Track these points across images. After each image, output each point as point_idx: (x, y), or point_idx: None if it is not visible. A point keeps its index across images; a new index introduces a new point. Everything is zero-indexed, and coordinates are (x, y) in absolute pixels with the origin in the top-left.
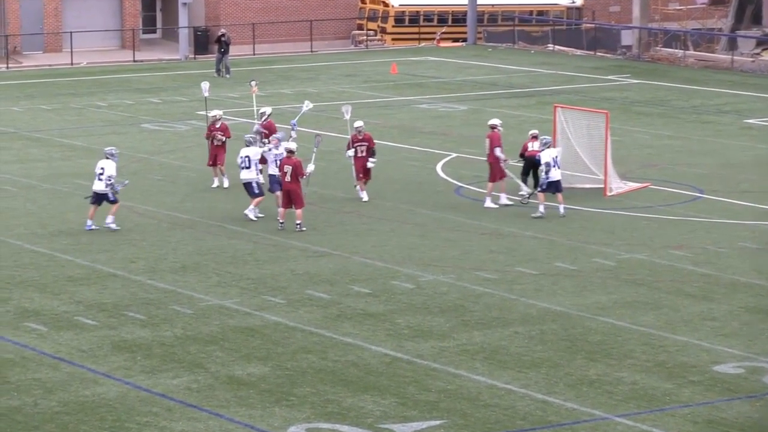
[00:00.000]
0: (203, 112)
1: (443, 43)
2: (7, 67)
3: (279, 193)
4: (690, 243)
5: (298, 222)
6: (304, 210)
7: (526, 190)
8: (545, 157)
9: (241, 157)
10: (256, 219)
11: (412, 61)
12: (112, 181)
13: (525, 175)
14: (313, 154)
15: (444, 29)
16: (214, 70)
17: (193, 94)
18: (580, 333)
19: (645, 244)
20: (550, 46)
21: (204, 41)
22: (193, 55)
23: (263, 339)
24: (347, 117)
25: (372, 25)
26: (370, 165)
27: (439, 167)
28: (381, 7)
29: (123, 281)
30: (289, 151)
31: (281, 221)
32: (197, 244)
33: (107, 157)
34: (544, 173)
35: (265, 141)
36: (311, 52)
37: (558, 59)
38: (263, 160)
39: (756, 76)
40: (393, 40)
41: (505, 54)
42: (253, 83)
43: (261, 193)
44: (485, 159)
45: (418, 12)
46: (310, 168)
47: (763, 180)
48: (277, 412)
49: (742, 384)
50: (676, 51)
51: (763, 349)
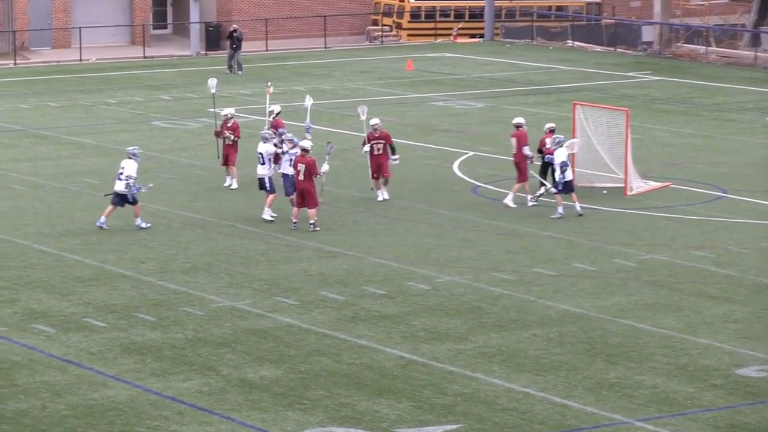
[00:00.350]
0: (213, 109)
1: (460, 39)
2: (15, 63)
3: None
4: (712, 243)
5: (312, 222)
6: (317, 209)
7: (546, 187)
8: (561, 156)
9: (258, 152)
10: (272, 219)
11: (428, 58)
12: (131, 181)
13: (544, 174)
14: (327, 157)
15: (461, 25)
16: (226, 67)
17: (205, 91)
18: (600, 335)
19: (666, 244)
20: (569, 42)
21: (216, 37)
22: (204, 51)
23: (276, 341)
24: (363, 117)
25: (387, 20)
26: (394, 163)
27: (455, 166)
28: (396, 2)
29: (133, 282)
30: (304, 150)
31: (294, 221)
32: (209, 244)
33: (129, 157)
34: (560, 172)
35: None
36: (325, 48)
37: (577, 56)
38: (277, 159)
39: None
40: (408, 35)
41: (523, 50)
42: (269, 83)
43: (272, 190)
44: (511, 159)
45: (434, 7)
46: (325, 167)
47: None
48: (290, 415)
49: (765, 387)
50: (698, 47)
51: None
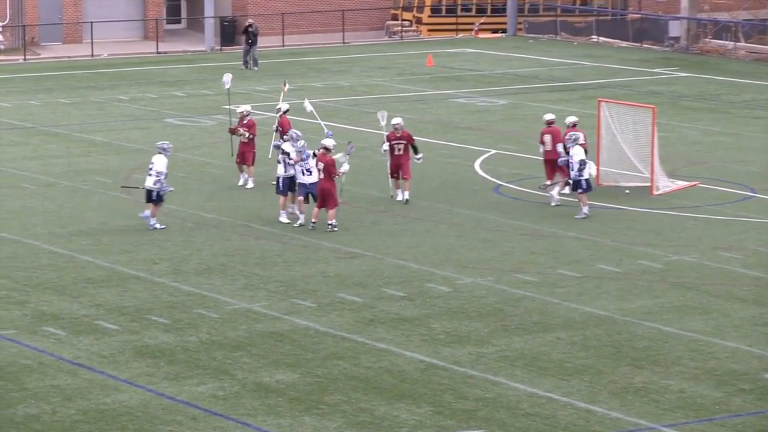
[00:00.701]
0: (228, 106)
1: (482, 34)
2: (25, 59)
3: (300, 198)
4: (741, 244)
5: (330, 222)
6: (337, 210)
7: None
8: (579, 154)
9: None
10: (299, 215)
11: (449, 53)
12: (162, 178)
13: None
14: (347, 157)
15: (483, 20)
16: (242, 63)
17: (219, 88)
18: (625, 339)
19: (693, 245)
20: (594, 37)
21: (231, 32)
22: (219, 47)
23: (292, 344)
24: (383, 123)
25: (407, 15)
26: (417, 162)
27: (477, 164)
28: None
29: (145, 283)
30: (326, 149)
31: (313, 221)
32: (223, 245)
33: (159, 152)
34: (576, 171)
35: (285, 138)
36: (343, 43)
37: (602, 51)
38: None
39: None
40: (429, 30)
41: (547, 46)
42: (285, 82)
43: (284, 192)
44: (539, 158)
45: (455, 1)
46: (345, 167)
47: None
48: (307, 421)
49: None
50: (727, 43)
51: None
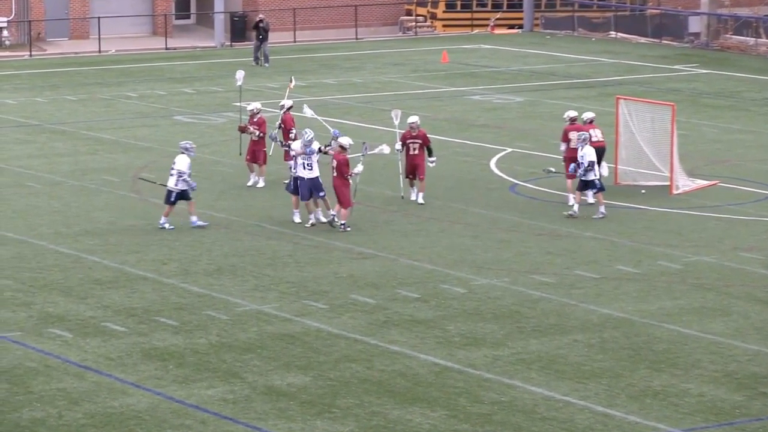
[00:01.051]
0: (239, 103)
1: (498, 30)
2: (30, 55)
3: (306, 202)
4: (762, 245)
5: (343, 222)
6: (350, 210)
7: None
8: (590, 155)
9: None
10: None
11: (464, 49)
12: (184, 176)
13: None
14: (361, 158)
15: (498, 15)
16: (252, 59)
17: (229, 84)
18: (644, 341)
19: (713, 245)
20: (612, 33)
21: (241, 27)
22: (229, 43)
23: (304, 347)
24: (397, 122)
25: (421, 10)
26: (430, 165)
27: (492, 163)
28: None
29: (154, 284)
30: (341, 147)
31: (333, 213)
32: (233, 245)
33: (182, 152)
34: (582, 170)
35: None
36: (356, 39)
37: (620, 47)
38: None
39: None
40: (444, 26)
41: (564, 41)
42: (291, 79)
43: (295, 191)
44: (559, 156)
45: None
46: (359, 168)
47: None
48: (319, 425)
49: None
50: (748, 39)
51: None
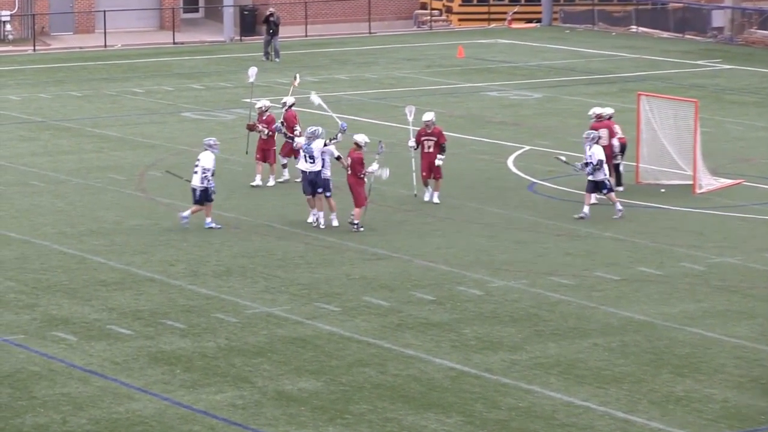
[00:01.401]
0: (249, 100)
1: (515, 24)
2: (34, 50)
3: (308, 196)
4: None
5: (356, 222)
6: (363, 209)
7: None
8: (599, 154)
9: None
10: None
11: (481, 44)
12: (208, 174)
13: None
14: (377, 157)
15: (516, 9)
16: (262, 54)
17: (239, 80)
18: (666, 345)
19: (738, 246)
20: (633, 27)
21: (251, 21)
22: (238, 37)
23: (315, 350)
24: (410, 119)
25: (437, 4)
26: (438, 162)
27: (510, 161)
28: None
29: (161, 286)
30: (357, 145)
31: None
32: (243, 246)
33: (206, 149)
34: (591, 169)
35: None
36: (369, 33)
37: (642, 42)
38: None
39: None
40: (460, 20)
41: (584, 36)
42: (296, 76)
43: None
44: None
45: None
46: (374, 167)
47: None
48: (331, 431)
49: None
50: None
51: None
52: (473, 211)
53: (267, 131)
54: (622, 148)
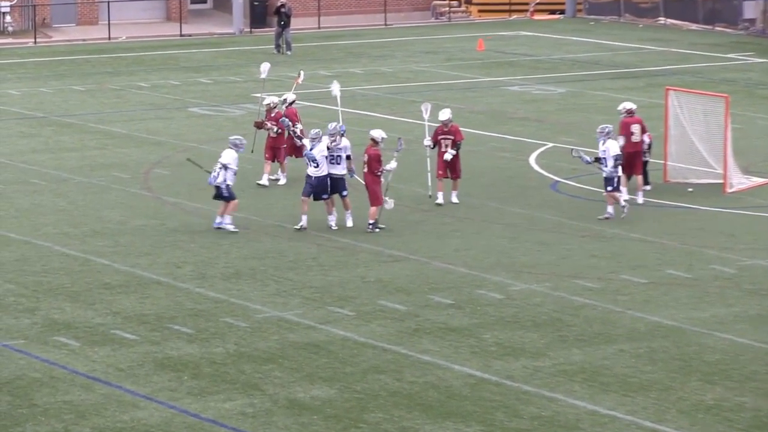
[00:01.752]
0: (260, 95)
1: (538, 16)
2: (35, 42)
3: (305, 198)
4: None
5: (371, 222)
6: (379, 209)
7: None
8: (614, 149)
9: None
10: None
11: (502, 37)
12: (223, 171)
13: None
14: (395, 155)
15: None
16: (273, 46)
17: (249, 74)
18: (695, 351)
19: None
20: (661, 19)
21: (261, 13)
22: (248, 29)
23: (329, 356)
24: (426, 116)
25: None
26: (447, 157)
27: (532, 159)
28: None
29: (167, 289)
30: (373, 140)
31: (371, 222)
32: (253, 247)
33: (230, 147)
34: (612, 167)
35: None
36: (385, 25)
37: (670, 35)
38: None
39: None
40: (479, 11)
41: (609, 28)
42: (299, 72)
43: (332, 191)
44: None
45: None
46: (392, 165)
47: None
48: None
49: None
50: None
51: None
52: (494, 210)
53: (276, 129)
54: (648, 146)
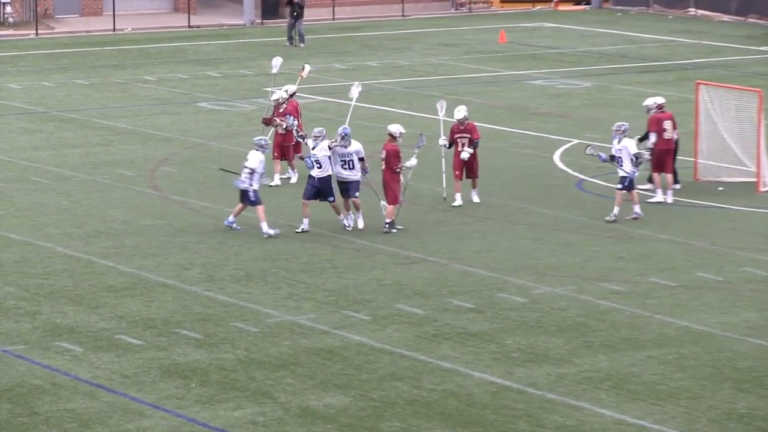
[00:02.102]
0: (270, 89)
1: (562, 6)
2: (37, 34)
3: (306, 201)
4: None
5: (388, 221)
6: (397, 208)
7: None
8: (632, 147)
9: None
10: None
11: (525, 28)
12: (254, 176)
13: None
14: (416, 151)
15: None
16: (286, 38)
17: (260, 67)
18: (727, 358)
19: None
20: (691, 10)
21: (273, 3)
22: (260, 20)
23: (343, 363)
24: (442, 113)
25: None
26: (464, 156)
27: (556, 156)
28: None
29: (174, 292)
30: (390, 136)
31: (387, 221)
32: (264, 248)
33: (256, 149)
34: (632, 165)
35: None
36: (403, 16)
37: (701, 26)
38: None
39: None
40: (501, 2)
41: (637, 19)
42: (303, 66)
43: (345, 196)
44: (654, 147)
45: None
46: (412, 162)
47: None
48: None
49: None
50: None
51: None
52: (516, 210)
53: (284, 125)
54: (676, 142)
